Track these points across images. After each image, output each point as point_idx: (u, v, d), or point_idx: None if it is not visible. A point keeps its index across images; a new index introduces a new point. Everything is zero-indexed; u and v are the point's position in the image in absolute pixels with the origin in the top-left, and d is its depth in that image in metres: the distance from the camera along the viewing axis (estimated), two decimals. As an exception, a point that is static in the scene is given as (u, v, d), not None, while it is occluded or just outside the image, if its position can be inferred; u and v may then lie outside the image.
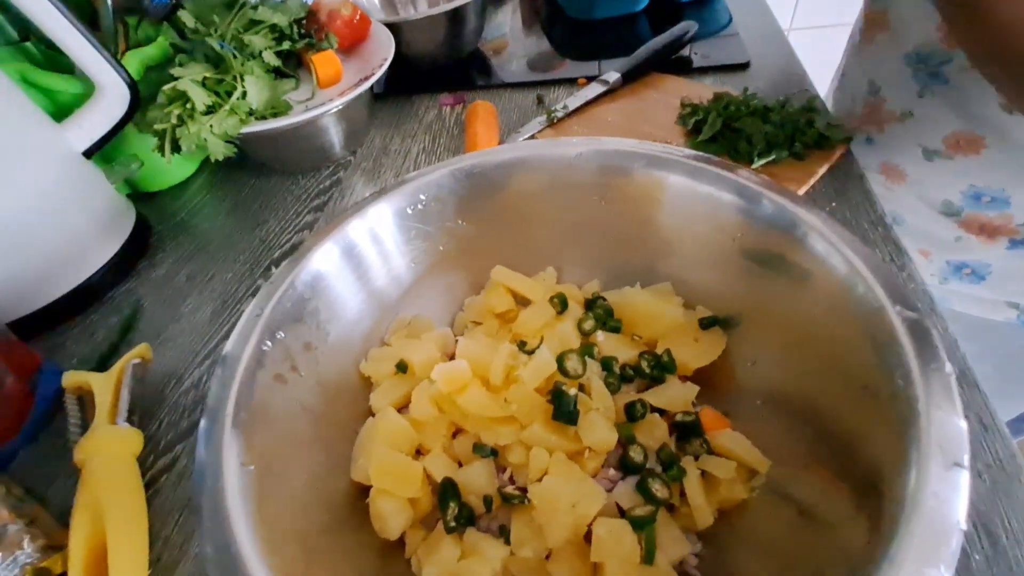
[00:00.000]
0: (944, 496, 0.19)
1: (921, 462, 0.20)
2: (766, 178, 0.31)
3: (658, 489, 0.28)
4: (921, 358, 0.22)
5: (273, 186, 0.60)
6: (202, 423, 0.25)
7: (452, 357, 0.36)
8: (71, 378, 0.41)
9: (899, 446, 0.21)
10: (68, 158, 0.50)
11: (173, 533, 0.35)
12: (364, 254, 0.33)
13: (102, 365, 0.44)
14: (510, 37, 0.80)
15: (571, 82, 0.67)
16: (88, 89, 0.52)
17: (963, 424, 0.20)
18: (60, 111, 0.53)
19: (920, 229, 0.55)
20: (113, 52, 0.55)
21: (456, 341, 0.37)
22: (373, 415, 0.33)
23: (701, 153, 0.33)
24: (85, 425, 0.39)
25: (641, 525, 0.26)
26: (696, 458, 0.30)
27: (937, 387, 0.22)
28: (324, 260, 0.31)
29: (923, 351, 0.23)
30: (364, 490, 0.30)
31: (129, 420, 0.39)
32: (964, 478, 0.20)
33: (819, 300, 0.28)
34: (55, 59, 0.55)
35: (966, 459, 0.20)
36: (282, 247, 0.53)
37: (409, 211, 0.36)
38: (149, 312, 0.49)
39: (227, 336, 0.46)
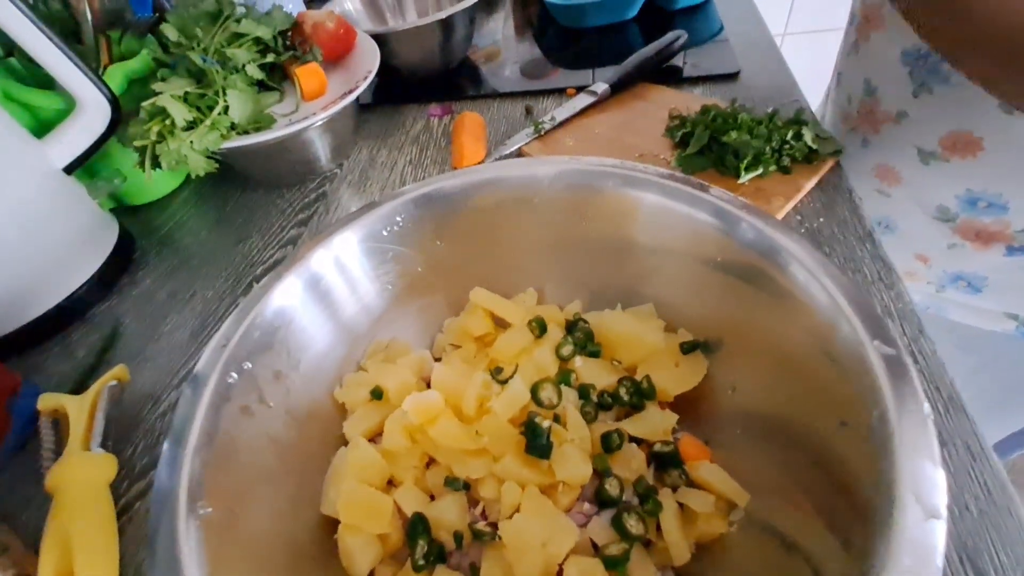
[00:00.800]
0: (919, 551, 0.18)
1: (896, 512, 0.19)
2: (743, 200, 0.31)
3: (633, 525, 0.27)
4: (898, 397, 0.22)
5: (258, 200, 0.60)
6: (165, 448, 0.25)
7: (430, 382, 0.36)
8: (46, 401, 0.40)
9: (876, 490, 0.21)
10: (48, 174, 0.50)
11: (145, 564, 0.34)
12: (331, 285, 0.32)
13: (80, 387, 0.44)
14: (502, 45, 0.80)
15: (561, 92, 0.67)
16: (70, 104, 0.52)
17: (940, 473, 0.20)
18: (42, 127, 0.53)
19: (915, 235, 0.54)
20: (95, 66, 0.54)
21: (434, 365, 0.37)
22: (346, 444, 0.32)
23: (676, 173, 0.32)
24: (60, 449, 0.38)
25: (614, 564, 0.26)
26: (674, 490, 0.29)
27: (913, 430, 0.21)
28: (287, 295, 0.30)
29: (900, 389, 0.22)
30: (333, 524, 0.29)
31: (104, 445, 0.38)
32: (940, 530, 0.19)
33: (798, 329, 0.27)
34: (40, 74, 0.54)
35: (943, 509, 0.19)
36: (265, 263, 0.53)
37: (385, 232, 0.35)
38: (129, 331, 0.49)
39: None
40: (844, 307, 0.25)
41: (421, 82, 0.72)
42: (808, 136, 0.48)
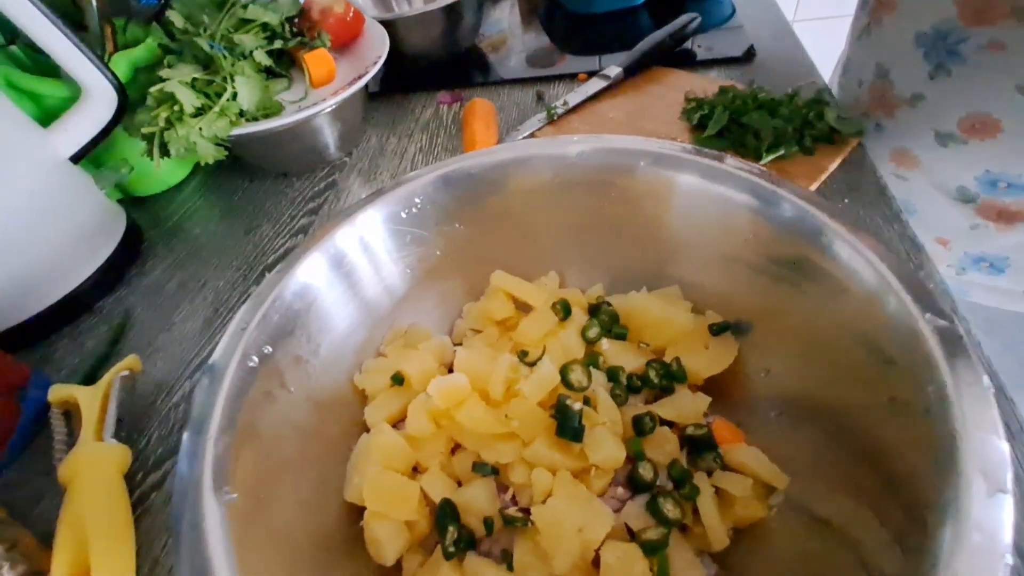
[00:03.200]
0: (988, 527, 0.17)
1: (962, 489, 0.18)
2: (777, 175, 0.30)
3: (670, 509, 0.26)
4: (955, 371, 0.21)
5: (267, 189, 0.59)
6: (185, 438, 0.24)
7: (451, 367, 0.35)
8: (57, 392, 0.39)
9: (935, 468, 0.20)
10: (55, 164, 0.49)
11: (163, 555, 0.33)
12: (354, 263, 0.31)
13: (91, 378, 0.43)
14: (509, 33, 0.79)
15: (571, 78, 0.65)
16: (75, 93, 0.51)
17: (1005, 446, 0.19)
18: (47, 116, 0.52)
19: (935, 217, 0.53)
20: (100, 54, 0.53)
21: (454, 350, 0.36)
22: (368, 430, 0.32)
23: (710, 150, 0.31)
24: (72, 441, 0.38)
25: (653, 549, 0.25)
26: (709, 474, 0.28)
27: (975, 404, 0.20)
28: (311, 272, 0.29)
29: (957, 363, 0.21)
30: (358, 512, 0.28)
31: (117, 435, 0.37)
32: (1008, 505, 0.18)
33: (840, 306, 0.26)
34: (42, 62, 0.53)
35: (1010, 483, 0.18)
36: (276, 252, 0.52)
37: (403, 215, 0.34)
38: (140, 321, 0.48)
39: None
40: (892, 282, 0.24)
41: (429, 70, 0.71)
42: (830, 116, 0.47)
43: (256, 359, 0.27)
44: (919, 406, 0.21)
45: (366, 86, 0.56)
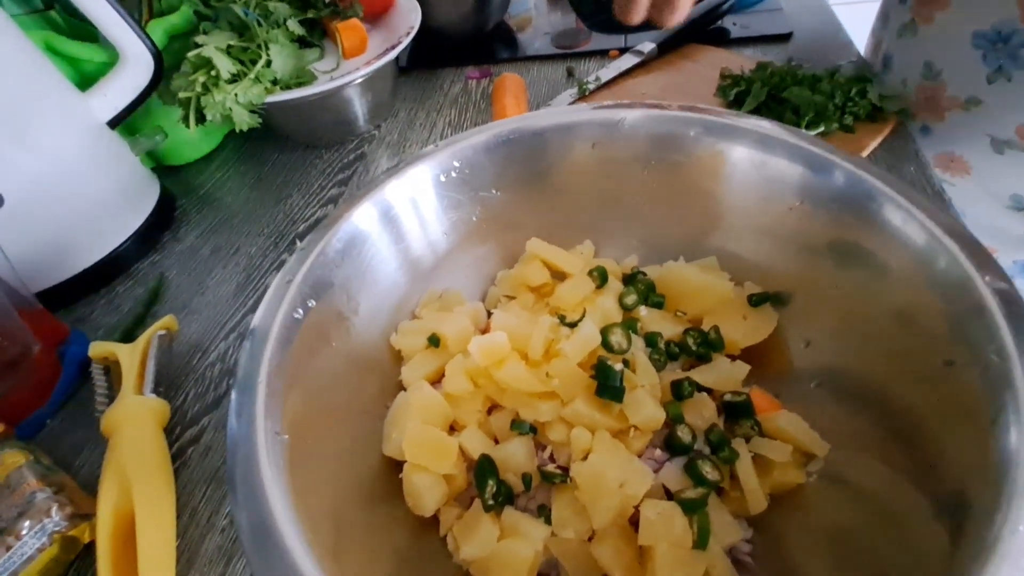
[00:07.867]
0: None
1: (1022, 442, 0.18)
2: (828, 144, 0.29)
3: (708, 471, 0.26)
4: (1016, 331, 0.20)
5: (297, 160, 0.59)
6: (233, 395, 0.24)
7: (484, 332, 0.35)
8: (98, 348, 0.40)
9: (992, 428, 0.19)
10: (93, 128, 0.49)
11: (200, 505, 0.34)
12: (401, 218, 0.31)
13: (128, 336, 0.44)
14: (535, 12, 0.78)
15: (602, 54, 0.65)
16: (112, 58, 0.51)
17: (1071, 403, 0.18)
18: (84, 80, 0.52)
19: (983, 225, 0.51)
20: (137, 20, 0.54)
21: (488, 316, 0.36)
22: (404, 389, 0.32)
23: (762, 118, 0.31)
24: (112, 395, 0.39)
25: (693, 508, 0.25)
26: (747, 440, 0.28)
27: (1035, 362, 0.19)
28: (362, 220, 0.30)
29: (1018, 324, 0.21)
30: (397, 466, 0.29)
31: (155, 391, 0.38)
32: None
33: (890, 273, 0.26)
34: (78, 27, 0.54)
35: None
36: (306, 221, 0.52)
37: (443, 179, 0.34)
38: (174, 284, 0.49)
39: (253, 308, 0.45)
40: (949, 245, 0.23)
41: (457, 45, 0.71)
42: (873, 93, 0.46)
43: (301, 311, 0.27)
44: (977, 368, 0.21)
45: (396, 59, 0.56)
